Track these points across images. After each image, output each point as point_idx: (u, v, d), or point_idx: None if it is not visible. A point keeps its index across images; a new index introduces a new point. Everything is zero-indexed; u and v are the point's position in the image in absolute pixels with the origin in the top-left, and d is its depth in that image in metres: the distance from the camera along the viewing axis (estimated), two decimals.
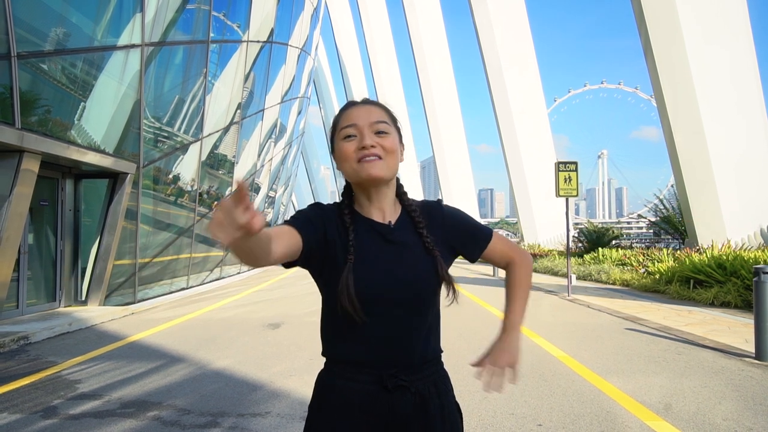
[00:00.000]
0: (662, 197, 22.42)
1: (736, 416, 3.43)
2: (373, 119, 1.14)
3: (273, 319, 7.61)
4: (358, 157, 1.12)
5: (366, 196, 1.18)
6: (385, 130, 1.15)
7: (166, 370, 4.76)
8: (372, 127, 1.14)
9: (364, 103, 1.19)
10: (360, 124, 1.14)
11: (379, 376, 1.11)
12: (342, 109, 1.21)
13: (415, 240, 1.17)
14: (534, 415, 3.49)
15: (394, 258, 1.13)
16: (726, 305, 8.52)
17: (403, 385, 1.11)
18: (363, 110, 1.16)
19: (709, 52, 12.46)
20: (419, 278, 1.13)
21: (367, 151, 1.11)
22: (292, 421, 3.40)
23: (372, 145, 1.12)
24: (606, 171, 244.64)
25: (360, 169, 1.12)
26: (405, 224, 1.19)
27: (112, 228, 8.58)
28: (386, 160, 1.13)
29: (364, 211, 1.18)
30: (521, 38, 25.30)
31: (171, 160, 10.87)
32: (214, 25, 11.79)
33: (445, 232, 1.22)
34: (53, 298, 8.23)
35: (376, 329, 1.11)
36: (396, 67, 44.11)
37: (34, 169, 6.60)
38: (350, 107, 1.18)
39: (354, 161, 1.13)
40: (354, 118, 1.15)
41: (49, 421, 3.47)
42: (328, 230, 1.13)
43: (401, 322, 1.13)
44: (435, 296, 1.18)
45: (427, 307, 1.16)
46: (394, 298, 1.11)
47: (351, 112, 1.17)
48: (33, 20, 6.55)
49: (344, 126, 1.15)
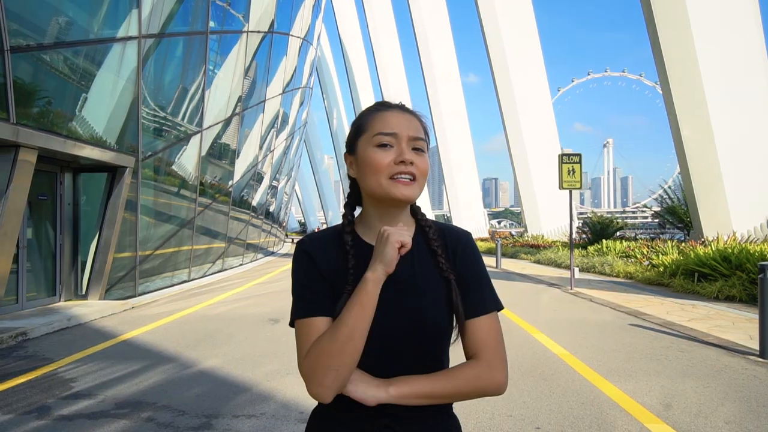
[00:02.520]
0: (667, 187, 22.24)
1: (738, 419, 3.36)
2: (413, 133, 1.01)
3: (272, 314, 7.58)
4: (392, 172, 0.99)
5: (378, 215, 1.04)
6: (422, 148, 1.03)
7: (162, 368, 4.73)
8: (411, 142, 1.01)
9: (404, 111, 1.04)
10: (401, 134, 1.00)
11: (371, 426, 0.99)
12: (375, 109, 1.05)
13: (426, 265, 1.03)
14: (532, 417, 3.44)
15: (395, 292, 0.99)
16: (731, 299, 8.43)
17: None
18: (404, 119, 1.02)
19: (717, 43, 12.24)
20: (426, 314, 0.99)
21: (405, 167, 0.99)
22: (286, 423, 3.36)
23: (411, 162, 0.99)
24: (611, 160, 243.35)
25: (391, 187, 0.99)
26: (417, 248, 1.04)
27: (111, 222, 8.55)
28: (419, 182, 1.01)
29: (369, 233, 1.04)
30: (526, 27, 24.99)
31: (171, 152, 10.81)
32: (214, 15, 11.66)
33: (452, 262, 1.05)
34: (53, 292, 8.22)
35: (373, 368, 0.98)
36: (399, 56, 43.77)
37: (31, 163, 6.55)
38: (388, 110, 1.03)
39: (386, 176, 0.99)
40: (395, 126, 1.01)
41: (41, 421, 3.45)
42: (322, 269, 1.01)
43: (403, 360, 0.99)
44: (445, 335, 1.02)
45: (431, 342, 1.00)
46: (396, 335, 0.98)
47: (390, 118, 1.02)
48: (26, 13, 6.46)
49: (381, 132, 1.00)
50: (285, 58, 17.82)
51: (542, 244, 21.65)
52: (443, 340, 1.02)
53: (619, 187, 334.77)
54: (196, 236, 12.34)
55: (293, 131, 22.90)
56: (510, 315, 7.26)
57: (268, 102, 16.74)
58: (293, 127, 22.57)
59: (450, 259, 1.04)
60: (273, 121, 18.33)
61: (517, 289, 10.53)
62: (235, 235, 16.12)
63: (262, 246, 22.51)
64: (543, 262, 17.74)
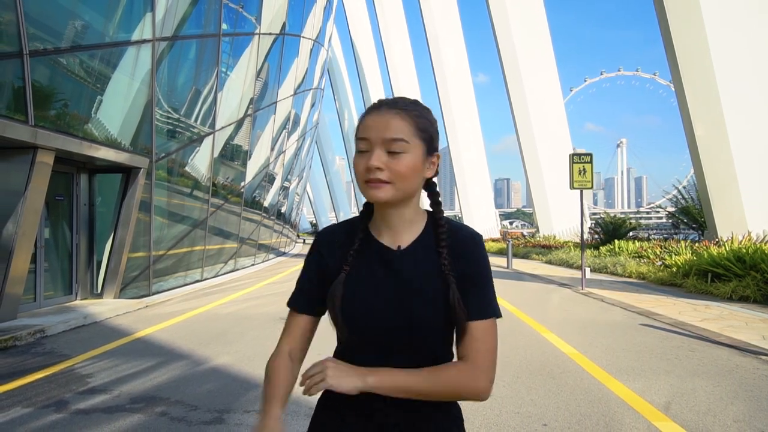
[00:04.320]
0: (682, 187, 22.01)
1: (747, 417, 3.35)
2: (388, 135, 0.98)
3: (282, 314, 7.58)
4: (365, 178, 0.99)
5: (379, 216, 1.08)
6: (399, 150, 0.98)
7: (175, 365, 4.82)
8: (386, 145, 0.99)
9: (387, 110, 1.01)
10: (373, 138, 0.99)
11: (371, 412, 1.03)
12: (365, 112, 1.06)
13: (430, 263, 1.04)
14: (540, 414, 3.46)
15: (395, 286, 1.02)
16: (744, 299, 8.34)
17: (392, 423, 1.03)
18: (380, 121, 1.00)
19: (731, 41, 12.10)
20: (418, 309, 1.01)
21: (371, 174, 0.98)
22: (296, 417, 3.42)
23: (378, 167, 0.98)
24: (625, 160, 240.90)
25: (365, 191, 1.01)
26: (423, 244, 1.06)
27: (126, 222, 8.70)
28: (396, 184, 0.99)
29: (377, 231, 1.09)
30: (537, 26, 24.88)
31: (185, 153, 10.96)
32: (226, 17, 11.80)
33: (457, 263, 1.04)
34: (70, 291, 8.39)
35: (369, 360, 1.01)
36: (411, 57, 43.82)
37: (49, 164, 6.70)
38: (368, 114, 1.03)
39: (362, 180, 1.01)
40: (368, 131, 1.00)
41: (59, 415, 3.54)
42: (329, 260, 1.08)
43: (395, 356, 1.02)
44: (438, 333, 1.03)
45: (425, 340, 1.02)
46: (387, 328, 1.01)
47: (367, 121, 1.01)
48: (44, 18, 6.62)
49: (358, 137, 1.02)
50: (296, 59, 17.96)
51: (554, 244, 21.53)
52: (436, 339, 1.03)
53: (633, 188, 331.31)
54: (209, 236, 12.49)
55: (304, 132, 23.05)
56: (520, 314, 7.26)
57: (279, 103, 16.88)
58: (304, 128, 22.71)
59: (455, 260, 1.04)
60: (284, 123, 18.48)
61: (527, 289, 10.51)
62: (247, 236, 16.28)
63: (274, 246, 22.68)
64: (554, 262, 17.66)
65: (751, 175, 12.10)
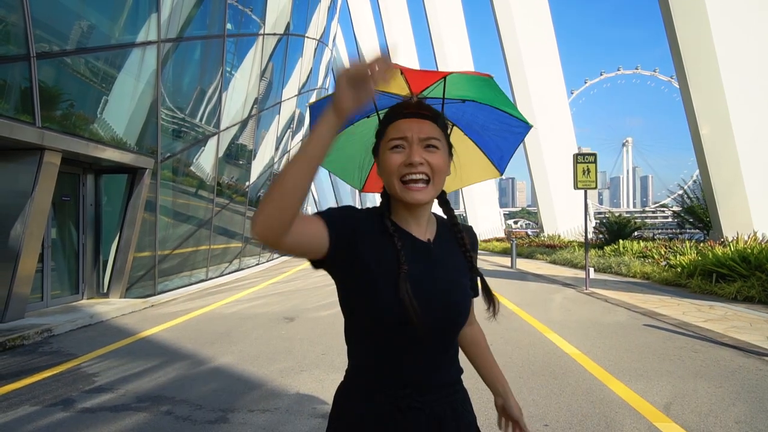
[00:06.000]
0: (687, 187, 21.92)
1: (749, 419, 3.36)
2: (424, 135, 1.09)
3: (287, 313, 7.70)
4: (403, 173, 1.08)
5: (406, 210, 1.13)
6: (435, 145, 1.10)
7: (180, 364, 4.86)
8: (422, 142, 1.09)
9: (416, 116, 1.12)
10: (411, 137, 1.09)
11: (394, 396, 1.08)
12: (392, 116, 1.13)
13: (455, 257, 1.17)
14: (541, 414, 3.48)
15: (435, 277, 1.11)
16: (749, 300, 8.32)
17: (417, 407, 1.08)
18: (415, 124, 1.10)
19: (736, 39, 12.04)
20: (459, 299, 1.13)
21: (414, 168, 1.07)
22: (299, 417, 3.45)
23: (420, 162, 1.07)
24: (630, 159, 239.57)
25: (404, 193, 1.08)
26: (443, 240, 1.17)
27: (131, 222, 8.77)
28: (433, 181, 1.09)
29: (403, 224, 1.14)
30: (541, 26, 24.82)
31: (189, 153, 11.02)
32: (231, 18, 11.85)
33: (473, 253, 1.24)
34: (76, 290, 8.47)
35: (402, 348, 1.08)
36: (415, 57, 43.78)
37: (55, 165, 6.77)
38: (402, 118, 1.12)
39: (398, 177, 1.08)
40: (406, 131, 1.10)
41: (66, 413, 3.59)
42: (358, 238, 1.07)
43: (432, 343, 1.10)
44: (468, 317, 1.19)
45: (460, 327, 1.15)
46: (433, 318, 1.07)
47: (401, 125, 1.11)
48: (51, 20, 6.68)
49: (394, 137, 1.10)
50: (301, 59, 18.00)
51: (558, 244, 21.49)
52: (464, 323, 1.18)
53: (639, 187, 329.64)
54: (214, 236, 12.55)
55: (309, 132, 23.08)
56: (523, 314, 7.27)
57: (284, 103, 16.93)
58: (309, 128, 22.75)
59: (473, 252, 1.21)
60: (289, 122, 18.53)
61: (531, 289, 10.51)
62: (251, 235, 16.33)
63: None
64: (559, 262, 17.63)
65: (756, 175, 12.04)
